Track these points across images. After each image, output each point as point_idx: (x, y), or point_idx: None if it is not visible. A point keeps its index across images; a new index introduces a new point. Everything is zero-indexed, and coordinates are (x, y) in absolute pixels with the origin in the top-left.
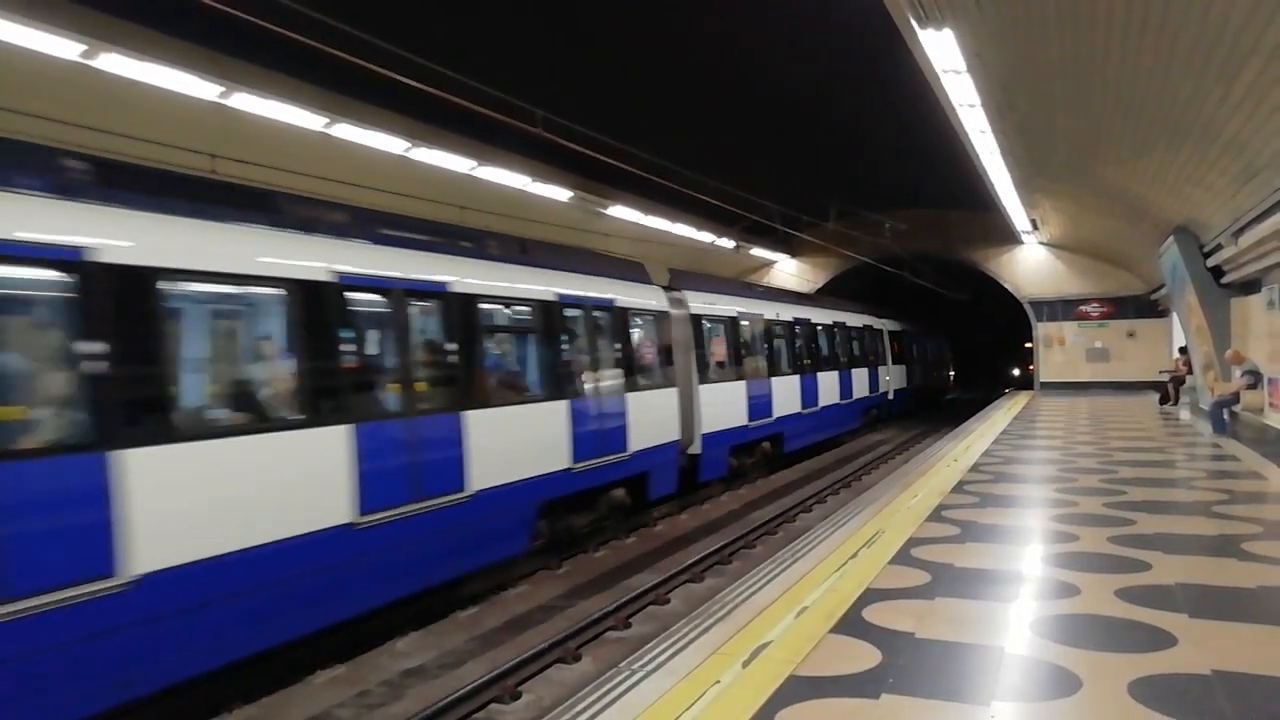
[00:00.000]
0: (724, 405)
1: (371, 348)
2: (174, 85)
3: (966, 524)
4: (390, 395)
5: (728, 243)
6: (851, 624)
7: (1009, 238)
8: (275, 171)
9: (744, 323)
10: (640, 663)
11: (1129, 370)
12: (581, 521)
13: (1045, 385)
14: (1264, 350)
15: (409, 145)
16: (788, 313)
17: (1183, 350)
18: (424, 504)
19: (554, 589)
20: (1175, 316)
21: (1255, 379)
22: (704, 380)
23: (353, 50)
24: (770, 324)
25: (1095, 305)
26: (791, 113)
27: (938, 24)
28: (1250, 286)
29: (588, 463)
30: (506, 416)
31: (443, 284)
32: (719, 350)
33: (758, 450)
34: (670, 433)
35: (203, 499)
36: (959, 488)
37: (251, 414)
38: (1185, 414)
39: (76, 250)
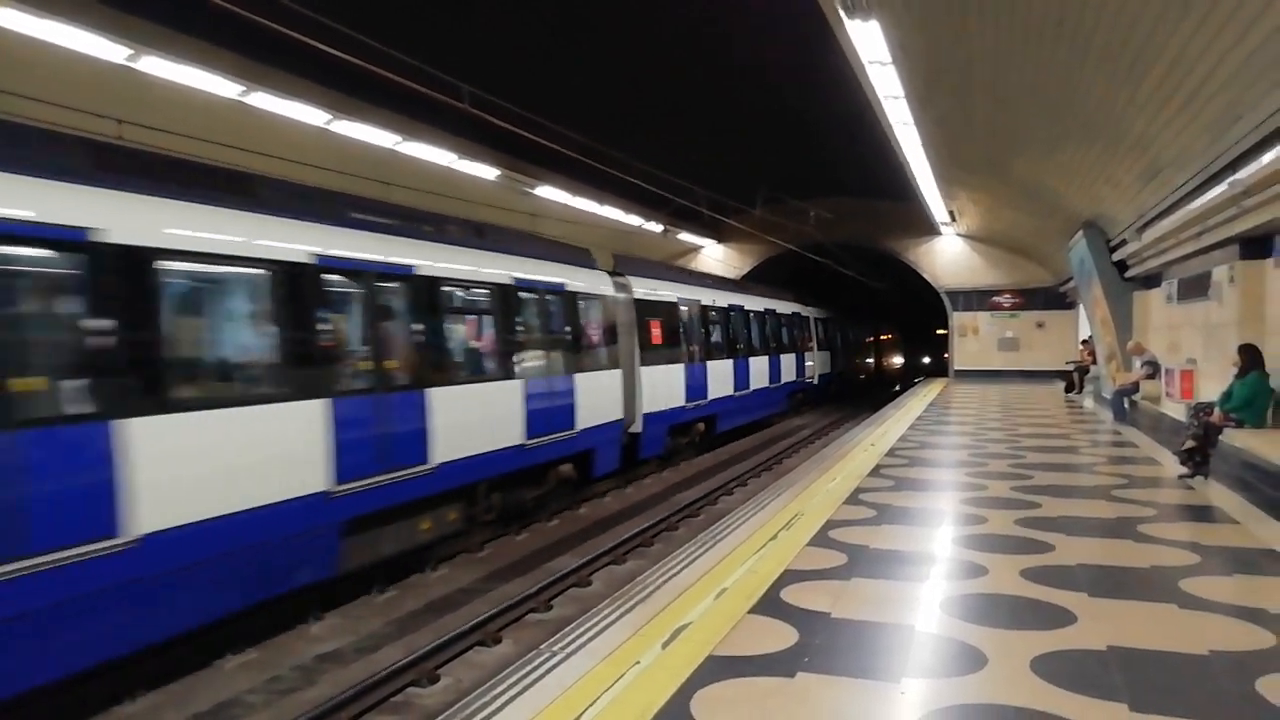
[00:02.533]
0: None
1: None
2: (79, 46)
3: (882, 507)
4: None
5: (655, 226)
6: (770, 604)
7: (929, 229)
8: (188, 140)
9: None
10: (561, 644)
11: (1038, 359)
12: (830, 391)
13: (959, 373)
14: (1163, 342)
15: (330, 117)
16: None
17: (1086, 341)
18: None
19: (474, 572)
20: (1082, 308)
21: (1154, 369)
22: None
23: (271, 14)
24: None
25: (1007, 296)
26: (722, 98)
27: (864, 13)
28: (1151, 281)
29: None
30: (821, 355)
31: (809, 316)
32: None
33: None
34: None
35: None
36: (876, 471)
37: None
38: (1089, 402)
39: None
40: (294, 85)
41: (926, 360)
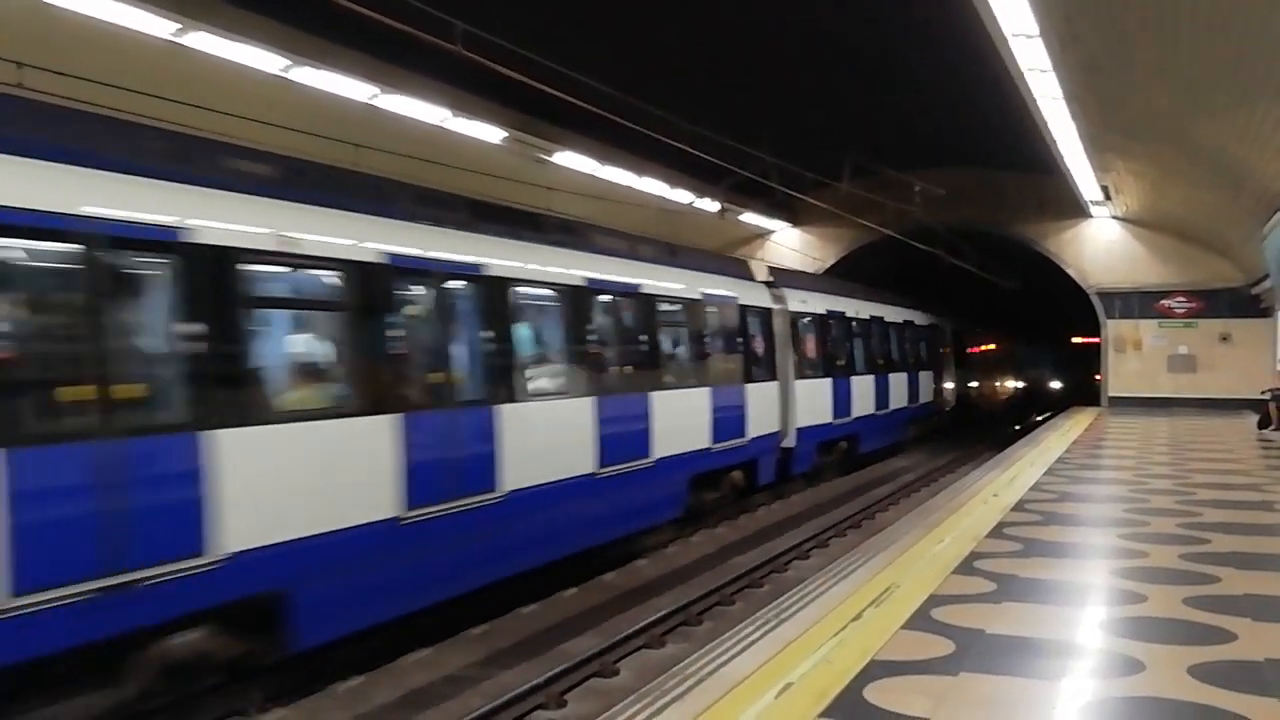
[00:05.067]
0: None
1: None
2: None
3: (1005, 578)
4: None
5: (711, 205)
6: (849, 707)
7: (1074, 209)
8: (104, 89)
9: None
10: None
11: (1221, 384)
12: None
13: (1115, 400)
14: None
15: (288, 63)
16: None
17: None
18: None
19: (466, 655)
20: None
21: None
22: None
23: None
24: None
25: (1181, 300)
26: (798, 39)
27: None
28: None
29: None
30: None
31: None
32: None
33: None
34: None
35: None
36: (998, 530)
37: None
38: None
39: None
40: (243, 22)
41: (1055, 385)
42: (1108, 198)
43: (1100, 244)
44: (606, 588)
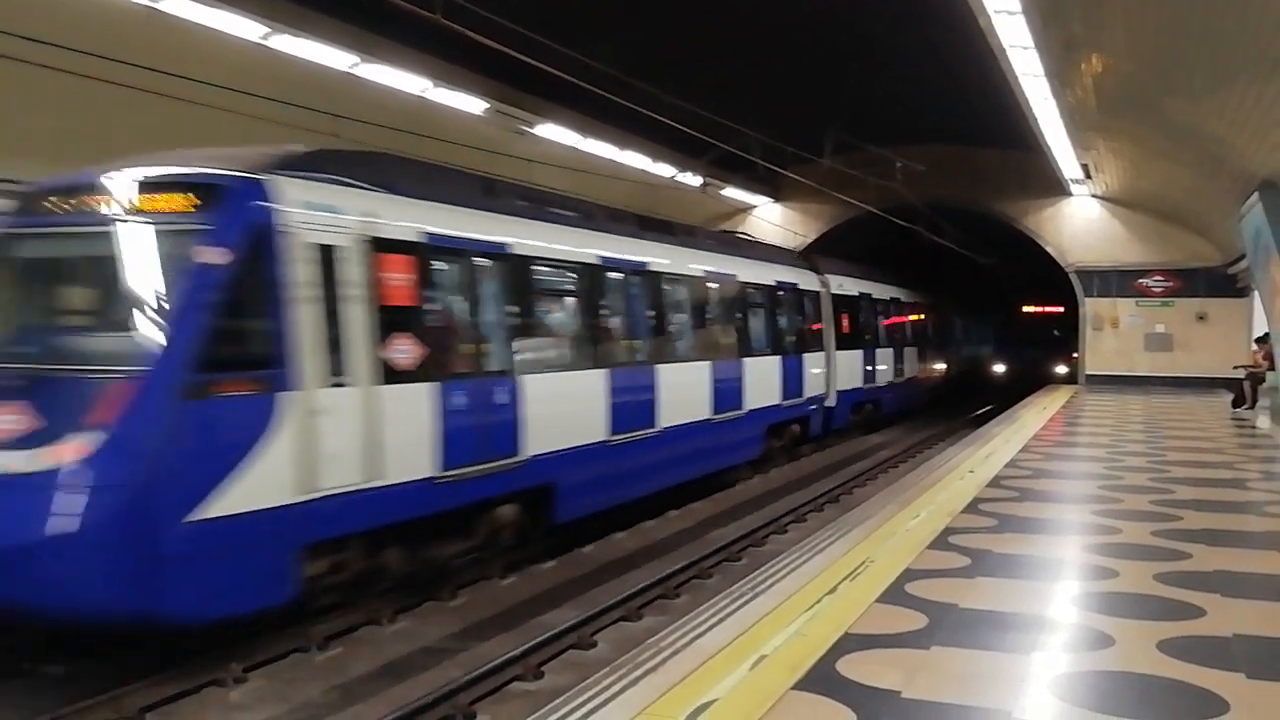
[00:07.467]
0: None
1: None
2: None
3: (979, 553)
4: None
5: (693, 179)
6: (821, 679)
7: (1054, 187)
8: (82, 57)
9: None
10: None
11: (1197, 362)
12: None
13: (1092, 378)
14: None
15: (267, 31)
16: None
17: (1262, 340)
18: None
19: (444, 626)
20: (1257, 296)
21: None
22: None
23: None
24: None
25: (1158, 278)
26: (782, 13)
27: None
28: None
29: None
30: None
31: None
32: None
33: None
34: None
35: None
36: (973, 506)
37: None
38: (1264, 421)
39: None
40: None
41: (999, 368)
42: (1088, 176)
43: (1079, 222)
44: (585, 560)
